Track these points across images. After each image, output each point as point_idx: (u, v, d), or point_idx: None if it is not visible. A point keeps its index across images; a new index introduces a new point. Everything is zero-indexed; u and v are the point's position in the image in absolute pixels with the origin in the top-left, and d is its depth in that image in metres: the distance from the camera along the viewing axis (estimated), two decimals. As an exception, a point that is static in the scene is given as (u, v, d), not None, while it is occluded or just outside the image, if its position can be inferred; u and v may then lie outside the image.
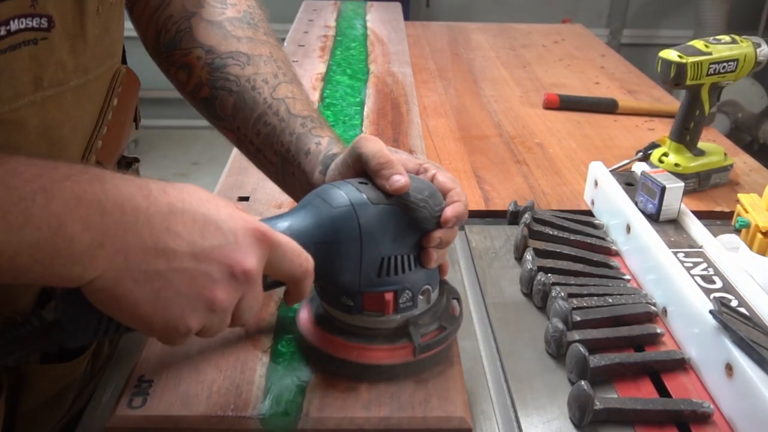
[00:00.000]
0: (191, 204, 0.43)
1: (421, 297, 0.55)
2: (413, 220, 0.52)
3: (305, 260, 0.48)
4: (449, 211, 0.53)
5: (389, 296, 0.52)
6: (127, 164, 0.76)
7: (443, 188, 0.55)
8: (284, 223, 0.50)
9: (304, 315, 0.58)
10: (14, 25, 0.45)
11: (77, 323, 0.44)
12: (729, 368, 0.58)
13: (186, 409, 0.51)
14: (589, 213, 0.93)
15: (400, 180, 0.51)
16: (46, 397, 0.62)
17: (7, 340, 0.44)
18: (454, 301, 0.59)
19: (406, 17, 1.93)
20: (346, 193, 0.51)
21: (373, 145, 0.53)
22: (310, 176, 0.61)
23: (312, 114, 0.63)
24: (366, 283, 0.52)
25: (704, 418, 0.58)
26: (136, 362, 0.56)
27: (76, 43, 0.52)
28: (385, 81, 1.25)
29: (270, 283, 0.49)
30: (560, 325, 0.66)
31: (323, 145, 0.61)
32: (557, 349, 0.66)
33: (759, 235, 0.82)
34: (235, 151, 0.96)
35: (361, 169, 0.54)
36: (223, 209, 0.45)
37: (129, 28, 0.71)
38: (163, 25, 0.67)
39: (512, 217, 0.91)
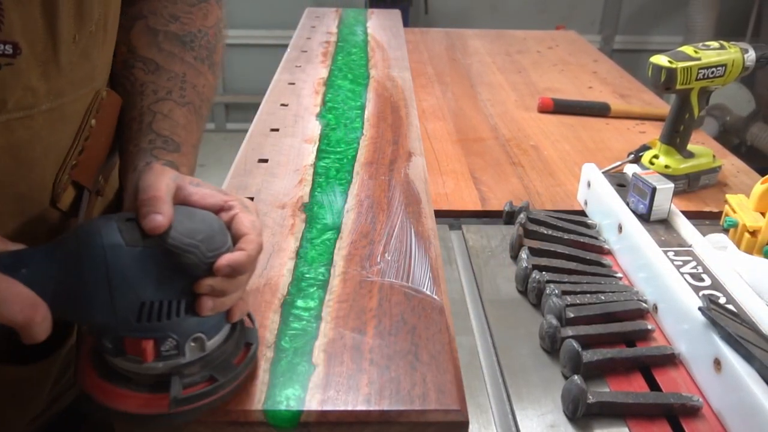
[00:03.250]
0: None
1: (192, 344, 0.48)
2: (179, 265, 0.46)
3: (28, 307, 0.42)
4: (224, 259, 0.46)
5: (147, 344, 0.46)
6: None
7: (237, 233, 0.49)
8: (16, 263, 0.44)
9: (87, 345, 0.51)
10: None
11: None
12: (717, 363, 0.58)
13: (192, 402, 0.51)
14: (582, 213, 0.93)
15: (155, 219, 0.45)
16: (11, 398, 0.60)
17: None
18: (250, 347, 0.53)
19: (406, 24, 1.93)
20: (101, 233, 0.45)
21: (150, 177, 0.48)
22: (125, 194, 0.55)
23: (171, 137, 0.57)
24: (124, 327, 0.46)
25: (693, 411, 0.58)
26: (144, 357, 0.55)
27: (49, 69, 0.51)
28: (385, 85, 1.25)
29: None
30: (554, 322, 0.66)
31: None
32: (551, 345, 0.66)
33: (746, 235, 0.82)
34: (241, 153, 0.96)
35: None
36: None
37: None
38: (121, 19, 0.66)
39: (508, 217, 0.91)
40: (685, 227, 0.80)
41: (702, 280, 0.70)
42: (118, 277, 0.45)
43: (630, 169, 0.94)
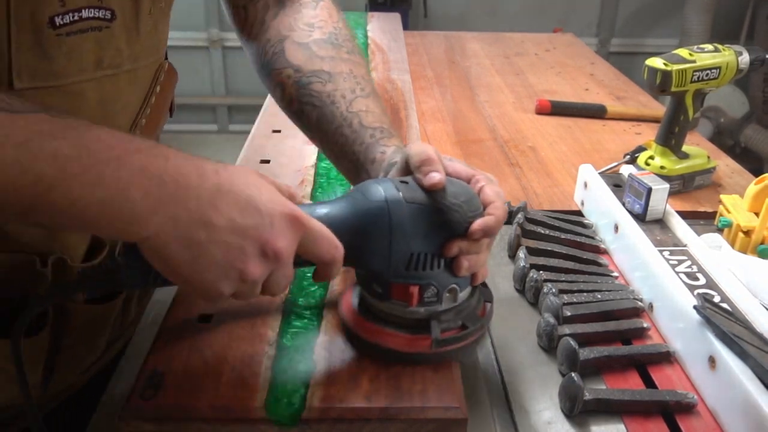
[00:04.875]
0: (238, 185, 0.46)
1: (447, 294, 0.54)
2: (445, 223, 0.52)
3: (334, 247, 0.50)
4: (476, 223, 0.52)
5: (414, 289, 0.53)
6: None
7: (485, 200, 0.55)
8: (322, 210, 0.52)
9: (346, 298, 0.59)
10: (85, 13, 0.54)
11: (133, 271, 0.49)
12: (712, 361, 0.58)
13: (195, 399, 0.51)
14: (579, 213, 0.93)
15: (435, 176, 0.51)
16: (84, 336, 0.67)
17: (86, 275, 0.55)
18: (487, 305, 0.59)
19: (405, 27, 1.93)
20: (383, 190, 0.52)
21: (420, 147, 0.54)
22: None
23: (382, 126, 0.65)
24: (394, 273, 0.53)
25: (688, 408, 0.58)
26: (149, 355, 0.56)
27: (131, 35, 0.59)
28: (385, 88, 1.25)
29: (301, 262, 0.50)
30: (552, 320, 0.66)
31: (387, 153, 0.63)
32: (549, 343, 0.66)
33: (740, 234, 0.82)
34: (243, 154, 0.96)
35: (409, 170, 0.55)
36: (266, 193, 0.47)
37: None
38: (262, 48, 0.72)
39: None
40: (681, 227, 0.80)
41: (697, 279, 0.70)
42: (397, 228, 0.51)
43: (626, 170, 0.94)
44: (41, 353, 0.62)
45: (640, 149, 1.05)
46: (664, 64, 0.92)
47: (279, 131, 1.02)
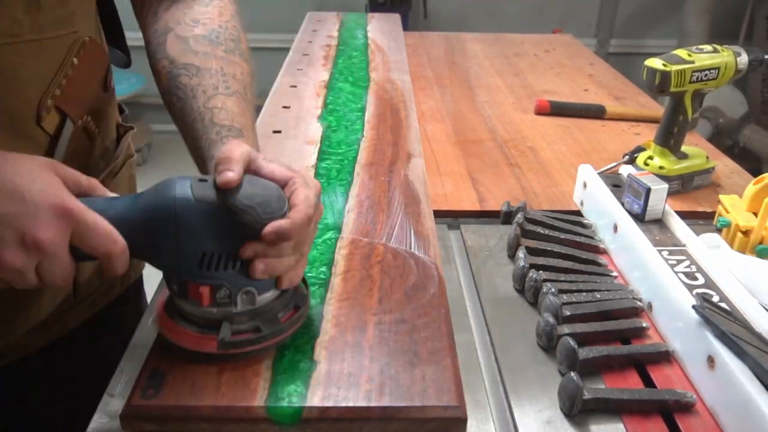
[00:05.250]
0: (7, 173, 0.47)
1: (244, 296, 0.53)
2: (238, 224, 0.51)
3: (111, 242, 0.49)
4: (268, 226, 0.50)
5: (204, 289, 0.52)
6: (125, 130, 0.83)
7: (291, 204, 0.53)
8: (106, 205, 0.51)
9: (165, 293, 0.58)
10: None
11: None
12: (711, 360, 0.58)
13: (196, 399, 0.51)
14: (579, 213, 0.93)
15: (226, 175, 0.50)
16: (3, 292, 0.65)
17: None
18: (295, 309, 0.57)
19: (405, 27, 1.93)
20: (175, 188, 0.51)
21: (228, 146, 0.53)
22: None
23: (233, 125, 0.64)
24: (188, 272, 0.52)
25: (687, 407, 0.58)
26: (150, 355, 0.56)
27: (30, 6, 0.59)
28: (385, 88, 1.25)
29: (83, 255, 0.50)
30: (551, 320, 0.66)
31: None
32: (548, 342, 0.66)
33: (739, 234, 0.82)
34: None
35: None
36: (39, 184, 0.47)
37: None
38: (150, 37, 0.74)
39: (505, 217, 0.91)
40: (679, 227, 0.80)
41: (696, 278, 0.70)
42: (184, 226, 0.50)
43: (625, 170, 0.94)
44: None
45: (639, 149, 1.05)
46: (663, 64, 0.92)
47: (279, 131, 1.02)
